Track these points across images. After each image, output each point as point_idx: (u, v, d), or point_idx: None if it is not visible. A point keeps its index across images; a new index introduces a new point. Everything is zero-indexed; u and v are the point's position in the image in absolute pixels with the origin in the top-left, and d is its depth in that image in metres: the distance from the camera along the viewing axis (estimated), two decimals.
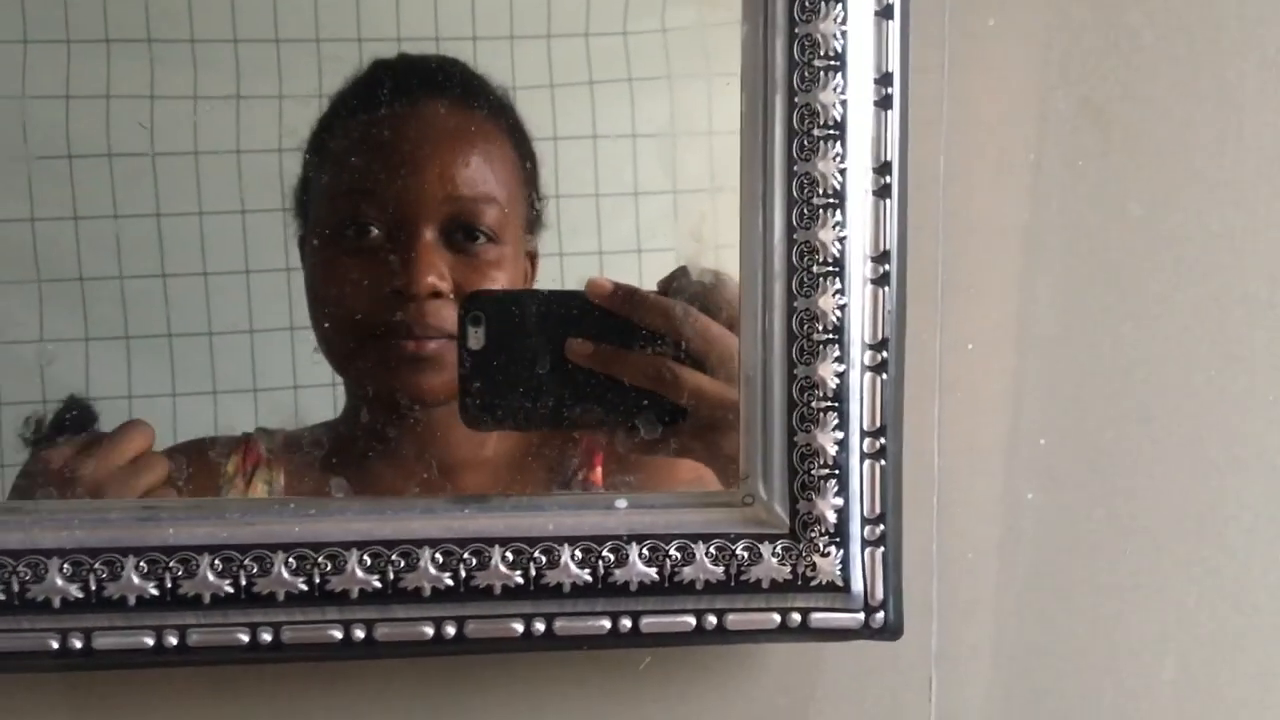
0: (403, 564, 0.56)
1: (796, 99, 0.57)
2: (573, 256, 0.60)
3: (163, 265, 0.58)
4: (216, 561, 0.54)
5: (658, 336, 0.59)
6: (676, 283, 0.59)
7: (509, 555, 0.56)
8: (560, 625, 0.57)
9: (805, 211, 0.57)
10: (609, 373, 0.59)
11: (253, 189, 0.58)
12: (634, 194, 0.60)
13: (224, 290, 0.58)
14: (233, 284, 0.58)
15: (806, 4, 0.56)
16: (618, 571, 0.57)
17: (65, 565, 0.54)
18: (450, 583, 0.56)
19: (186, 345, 0.58)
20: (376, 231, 0.59)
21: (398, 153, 0.59)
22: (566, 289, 0.59)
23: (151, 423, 0.58)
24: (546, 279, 0.60)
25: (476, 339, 0.58)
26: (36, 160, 0.57)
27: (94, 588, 0.54)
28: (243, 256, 0.58)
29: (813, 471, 0.58)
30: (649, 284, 0.60)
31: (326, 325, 0.59)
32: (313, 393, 0.59)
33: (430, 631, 0.56)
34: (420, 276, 0.58)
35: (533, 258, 0.60)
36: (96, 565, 0.54)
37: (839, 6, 0.56)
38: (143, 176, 0.57)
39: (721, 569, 0.58)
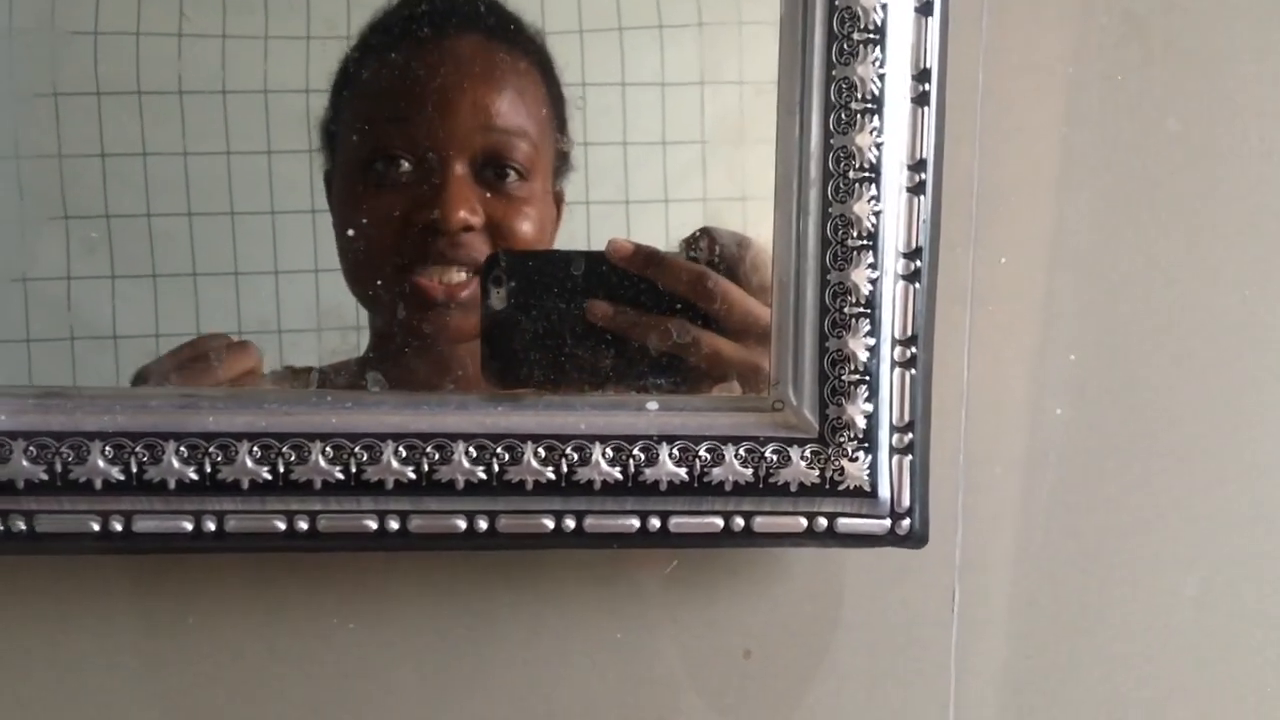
0: (437, 456, 0.56)
1: (837, 2, 0.56)
2: (599, 205, 0.60)
3: (189, 204, 0.58)
4: (255, 449, 0.55)
5: (679, 298, 0.59)
6: (699, 244, 0.60)
7: (541, 451, 0.57)
8: (590, 523, 0.58)
9: (843, 116, 0.57)
10: (629, 335, 0.59)
11: (279, 129, 0.58)
12: (662, 143, 0.60)
13: (249, 230, 0.58)
14: (258, 224, 0.58)
15: None
16: (648, 471, 0.58)
17: (107, 448, 0.55)
18: (483, 476, 0.57)
19: (212, 284, 0.59)
20: (407, 164, 0.59)
21: (431, 84, 0.58)
22: (588, 249, 0.59)
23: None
24: (572, 227, 0.61)
25: (499, 298, 0.59)
26: (64, 97, 0.57)
27: (135, 470, 0.55)
28: (269, 196, 0.58)
29: (843, 377, 0.58)
30: (675, 235, 0.60)
31: (353, 259, 0.59)
32: (337, 335, 0.59)
33: (463, 525, 0.57)
34: (453, 209, 0.58)
35: (559, 200, 0.60)
36: (138, 449, 0.55)
37: None
38: (170, 115, 0.57)
39: (750, 471, 0.58)
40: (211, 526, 0.56)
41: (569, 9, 0.59)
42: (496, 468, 0.57)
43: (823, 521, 0.59)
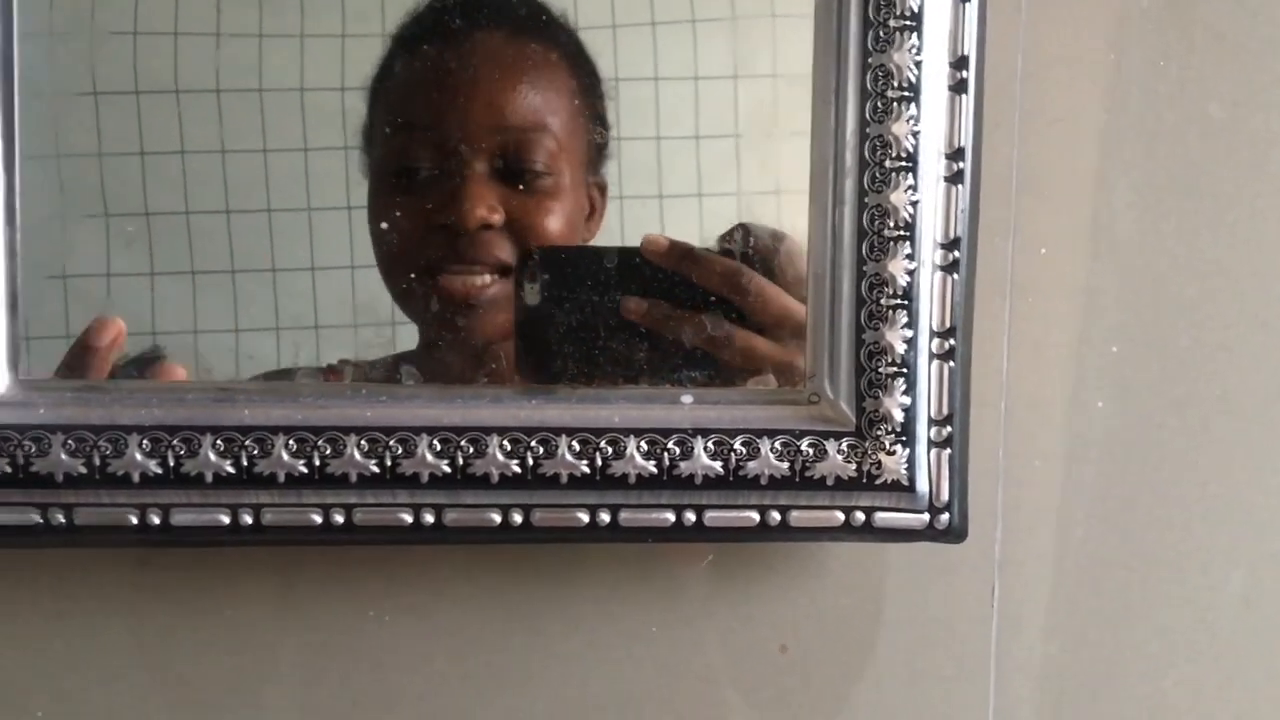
0: (471, 450, 0.56)
1: None
2: (632, 200, 0.60)
3: (227, 201, 0.58)
4: (291, 442, 0.55)
5: (714, 295, 0.59)
6: (735, 240, 0.59)
7: (575, 445, 0.57)
8: (625, 516, 0.58)
9: (879, 105, 0.56)
10: (663, 330, 0.59)
11: (315, 127, 0.59)
12: (695, 138, 0.60)
13: (286, 227, 0.59)
14: (295, 221, 0.59)
15: None
16: (683, 464, 0.57)
17: (144, 441, 0.55)
18: (517, 469, 0.56)
19: (250, 281, 0.59)
20: (429, 166, 0.59)
21: (447, 85, 0.59)
22: (623, 245, 0.59)
23: (215, 357, 0.59)
24: (605, 221, 0.60)
25: (533, 294, 0.59)
26: (104, 96, 0.58)
27: (172, 464, 0.55)
28: (304, 194, 0.59)
29: (880, 370, 0.58)
30: (709, 230, 0.59)
31: (385, 258, 0.59)
32: (372, 331, 0.60)
33: (498, 518, 0.57)
34: (470, 209, 0.58)
35: (602, 190, 0.60)
36: (175, 442, 0.55)
37: None
38: (208, 113, 0.58)
39: (786, 465, 0.58)
40: (248, 519, 0.56)
41: (602, 4, 0.59)
42: (531, 461, 0.57)
43: (860, 516, 0.59)
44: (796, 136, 0.59)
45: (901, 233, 0.57)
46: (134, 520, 0.55)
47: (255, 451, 0.55)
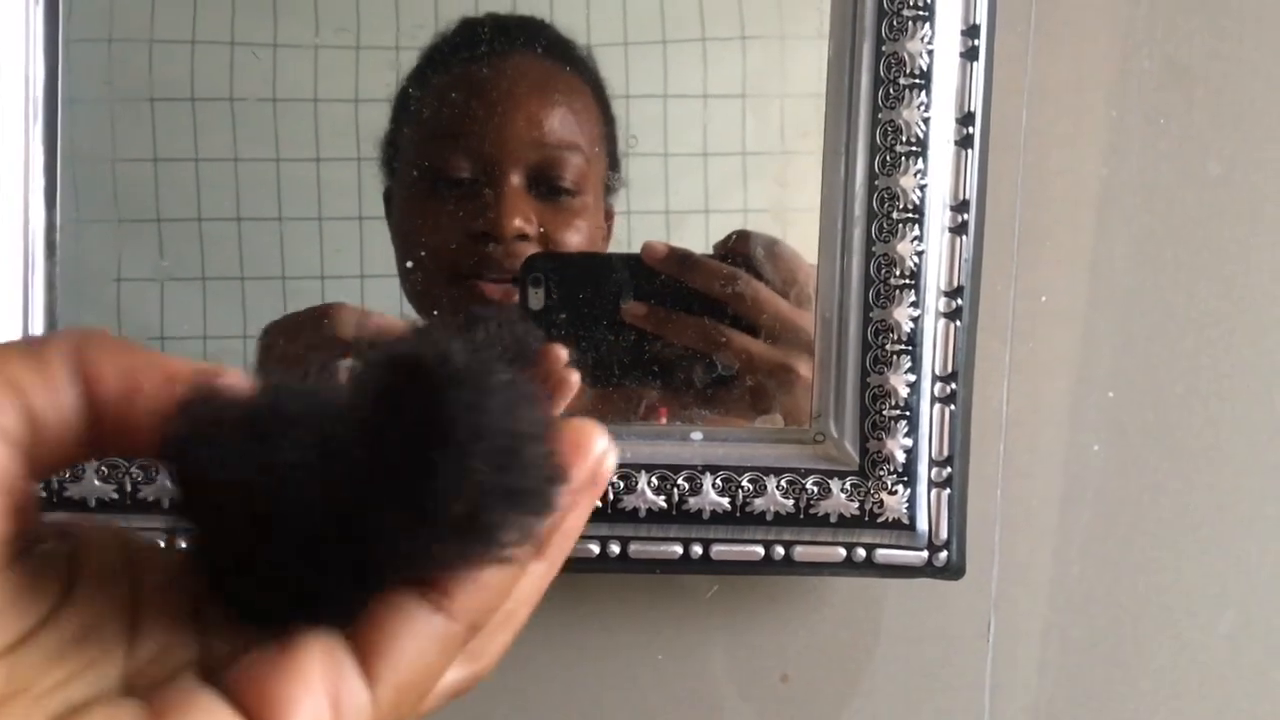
0: None
1: (884, 48, 0.58)
2: (640, 215, 0.62)
3: (239, 209, 0.60)
4: None
5: (712, 299, 0.61)
6: (733, 246, 0.61)
7: None
8: (635, 549, 0.60)
9: (888, 159, 0.58)
10: (663, 335, 0.61)
11: (328, 137, 0.60)
12: (703, 154, 0.62)
13: (297, 236, 0.60)
14: (306, 230, 0.60)
15: None
16: (691, 499, 0.60)
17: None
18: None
19: (259, 288, 0.60)
20: (465, 176, 0.61)
21: (489, 100, 0.61)
22: (624, 252, 0.61)
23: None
24: (616, 234, 0.62)
25: (536, 300, 0.60)
26: (119, 103, 0.59)
27: None
28: (316, 203, 0.60)
29: (884, 412, 0.60)
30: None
31: (413, 268, 0.61)
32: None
33: None
34: (507, 219, 0.61)
35: (609, 216, 0.62)
36: None
37: None
38: (222, 121, 0.59)
39: (791, 502, 0.60)
40: None
41: (614, 21, 0.61)
42: None
43: (861, 552, 0.61)
44: (803, 155, 0.61)
45: (907, 281, 0.59)
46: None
47: None
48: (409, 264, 0.61)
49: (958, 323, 0.60)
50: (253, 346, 0.61)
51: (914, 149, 0.58)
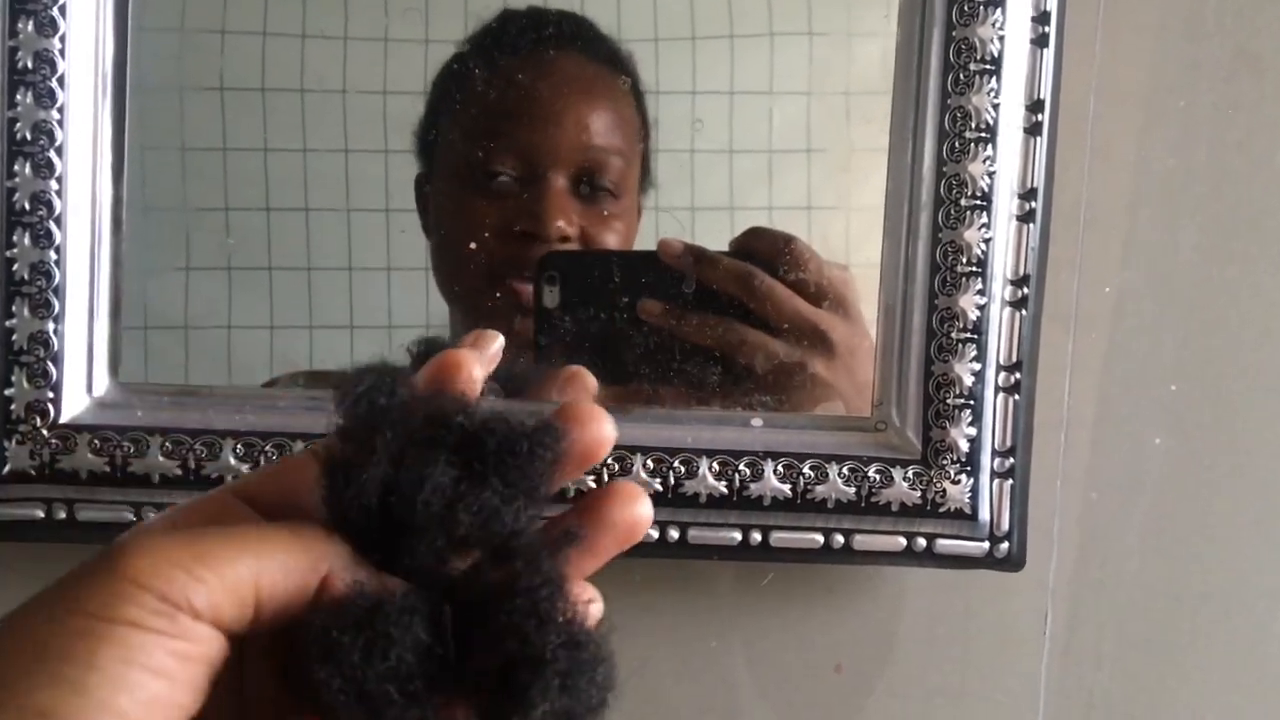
0: None
1: (954, 33, 0.58)
2: (665, 212, 0.62)
3: (267, 199, 0.60)
4: None
5: (728, 297, 0.61)
6: (748, 244, 0.61)
7: (650, 463, 0.59)
8: (694, 534, 0.60)
9: (956, 145, 0.58)
10: (678, 333, 0.61)
11: (357, 129, 0.60)
12: (729, 151, 0.61)
13: (324, 227, 0.60)
14: (333, 221, 0.60)
15: None
16: (753, 486, 0.59)
17: (238, 445, 0.57)
18: (594, 484, 0.58)
19: (286, 279, 0.60)
20: (509, 175, 0.61)
21: (536, 100, 0.61)
22: (640, 249, 0.61)
23: (249, 354, 0.60)
24: (641, 230, 0.62)
25: (552, 298, 0.60)
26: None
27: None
28: (344, 195, 0.60)
29: (948, 401, 0.59)
30: None
31: (450, 264, 0.61)
32: (407, 333, 0.61)
33: None
34: (550, 219, 0.61)
35: (637, 214, 0.62)
36: (268, 447, 0.57)
37: None
38: (252, 111, 0.60)
39: (853, 490, 0.59)
40: None
41: (644, 17, 0.61)
42: (607, 477, 0.58)
43: (922, 542, 0.60)
44: (827, 153, 0.60)
45: (973, 269, 0.58)
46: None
47: None
48: (448, 263, 0.61)
49: (1023, 312, 0.59)
50: (279, 337, 0.61)
51: (983, 135, 0.58)
